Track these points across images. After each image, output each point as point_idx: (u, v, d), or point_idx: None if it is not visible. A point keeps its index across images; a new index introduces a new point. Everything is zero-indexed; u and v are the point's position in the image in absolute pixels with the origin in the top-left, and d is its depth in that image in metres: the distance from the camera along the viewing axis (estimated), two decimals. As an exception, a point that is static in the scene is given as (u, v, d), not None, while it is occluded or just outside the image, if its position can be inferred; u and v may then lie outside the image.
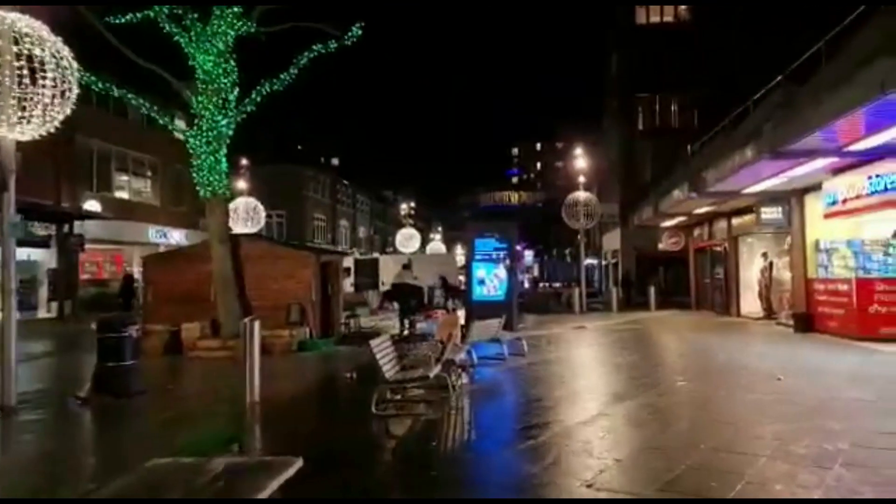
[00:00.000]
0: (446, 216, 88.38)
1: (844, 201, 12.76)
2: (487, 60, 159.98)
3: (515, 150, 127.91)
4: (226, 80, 14.33)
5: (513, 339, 13.35)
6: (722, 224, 22.41)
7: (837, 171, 13.23)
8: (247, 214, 30.19)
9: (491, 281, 18.52)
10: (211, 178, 14.53)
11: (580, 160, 30.40)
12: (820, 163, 12.15)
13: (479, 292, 18.51)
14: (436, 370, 8.46)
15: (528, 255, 69.78)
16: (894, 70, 7.47)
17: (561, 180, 69.85)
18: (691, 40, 36.31)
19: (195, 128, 14.48)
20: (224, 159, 14.85)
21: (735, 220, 21.19)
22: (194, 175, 14.63)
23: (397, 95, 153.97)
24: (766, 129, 11.72)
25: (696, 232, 26.30)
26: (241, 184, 32.02)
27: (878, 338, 13.17)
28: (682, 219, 24.20)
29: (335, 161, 77.94)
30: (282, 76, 14.81)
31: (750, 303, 21.07)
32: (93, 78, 13.49)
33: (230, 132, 15.00)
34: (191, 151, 14.55)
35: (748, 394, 8.37)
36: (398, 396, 8.60)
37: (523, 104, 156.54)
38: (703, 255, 25.80)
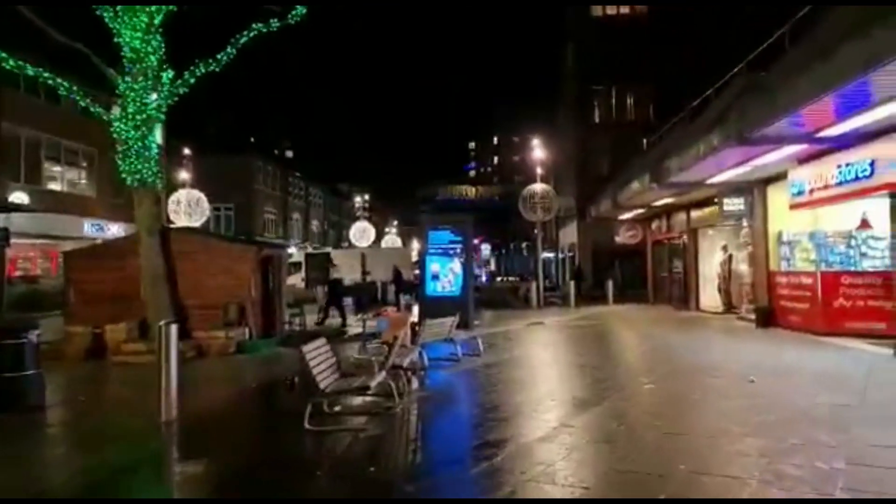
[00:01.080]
0: (403, 210, 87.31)
1: (811, 191, 12.23)
2: (444, 54, 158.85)
3: (472, 145, 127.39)
4: (153, 58, 13.12)
5: (468, 337, 12.50)
6: (681, 216, 21.96)
7: (804, 160, 12.71)
8: (189, 207, 28.78)
9: (446, 276, 17.66)
10: (139, 166, 13.31)
11: (537, 151, 29.69)
12: (788, 150, 11.59)
13: (434, 287, 17.64)
14: (379, 378, 7.53)
15: (486, 249, 69.28)
16: (882, 42, 6.80)
17: (518, 174, 69.39)
18: (648, 31, 36.02)
19: (120, 110, 13.24)
20: (154, 145, 13.65)
21: (694, 213, 20.74)
22: (120, 162, 13.39)
23: (354, 89, 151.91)
24: (732, 115, 11.09)
25: (655, 225, 25.88)
26: (184, 174, 30.51)
27: (844, 333, 12.73)
28: (640, 211, 23.71)
29: (289, 153, 76.24)
30: (219, 56, 13.73)
31: (709, 296, 20.67)
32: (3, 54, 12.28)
33: (161, 116, 13.83)
34: (115, 136, 13.33)
35: (722, 399, 7.66)
36: (337, 408, 7.65)
37: (480, 98, 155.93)
38: (661, 248, 25.39)
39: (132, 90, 13.11)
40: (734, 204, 16.13)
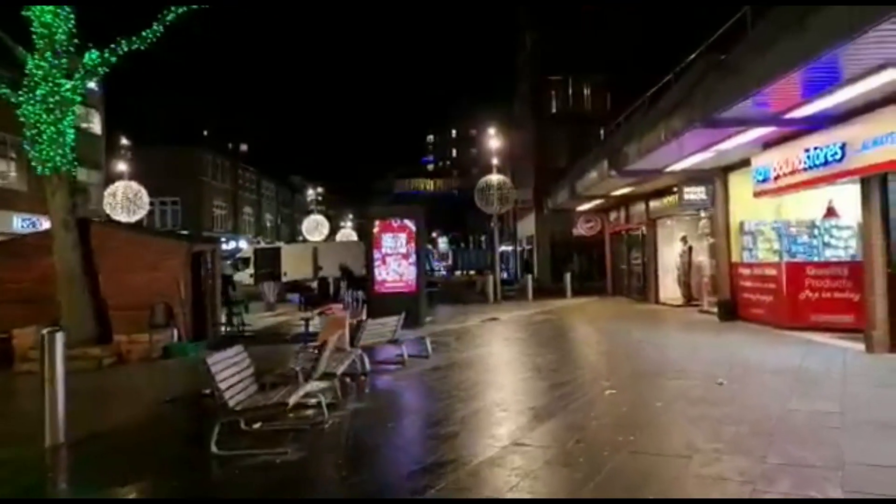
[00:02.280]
0: (360, 204, 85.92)
1: (777, 178, 11.59)
2: (401, 46, 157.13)
3: (431, 138, 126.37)
4: (62, 34, 11.87)
5: (416, 337, 11.57)
6: (640, 207, 21.36)
7: (769, 144, 12.08)
8: (127, 200, 27.21)
9: (396, 270, 16.69)
10: (52, 153, 12.06)
11: (492, 141, 28.84)
12: (753, 134, 10.91)
13: (384, 283, 16.66)
14: (303, 391, 6.55)
15: (442, 242, 68.47)
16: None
17: (476, 167, 68.66)
18: (606, 21, 35.47)
19: (28, 91, 11.92)
20: (70, 131, 12.38)
21: (654, 203, 20.15)
22: (29, 148, 12.11)
23: (311, 82, 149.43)
24: (696, 96, 10.35)
25: (613, 216, 25.30)
26: (122, 166, 28.86)
27: (809, 326, 12.18)
28: (598, 202, 23.07)
29: (244, 147, 74.14)
30: (144, 34, 12.52)
31: (668, 289, 20.14)
32: None
33: (77, 98, 12.54)
34: (23, 120, 12.03)
35: (690, 406, 6.87)
36: (258, 425, 6.64)
37: (438, 91, 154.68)
38: (620, 239, 24.83)
39: (41, 68, 11.82)
40: (695, 193, 15.51)
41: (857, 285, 11.75)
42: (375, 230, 16.83)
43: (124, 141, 29.43)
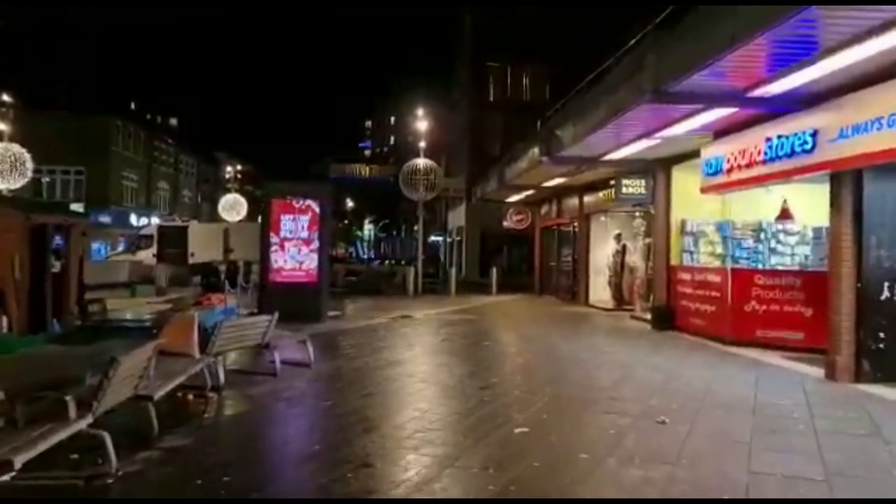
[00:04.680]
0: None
1: (730, 170, 9.98)
2: (341, 28, 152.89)
3: (369, 123, 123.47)
4: None
5: (303, 339, 9.47)
6: (573, 201, 19.77)
7: (721, 132, 10.48)
8: (5, 164, 23.95)
9: (295, 257, 14.50)
10: None
11: (422, 123, 26.83)
12: (706, 118, 9.24)
13: (280, 271, 14.46)
14: (68, 432, 4.42)
15: (368, 229, 66.12)
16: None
17: (413, 154, 66.51)
18: (548, 7, 33.89)
19: None
20: None
21: (588, 197, 18.58)
22: None
23: (248, 62, 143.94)
24: (647, 65, 8.58)
25: (544, 209, 23.71)
26: (1, 126, 25.46)
27: (755, 342, 10.72)
28: (529, 193, 21.36)
29: (173, 121, 70.00)
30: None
31: (599, 290, 18.62)
32: None
33: None
34: None
35: (627, 463, 5.04)
36: (8, 476, 4.45)
37: (378, 75, 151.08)
38: (551, 234, 23.26)
39: None
40: (634, 186, 13.92)
41: (811, 298, 10.33)
42: (273, 210, 14.60)
43: (6, 97, 25.92)
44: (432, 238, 50.80)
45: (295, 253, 14.48)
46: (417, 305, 18.61)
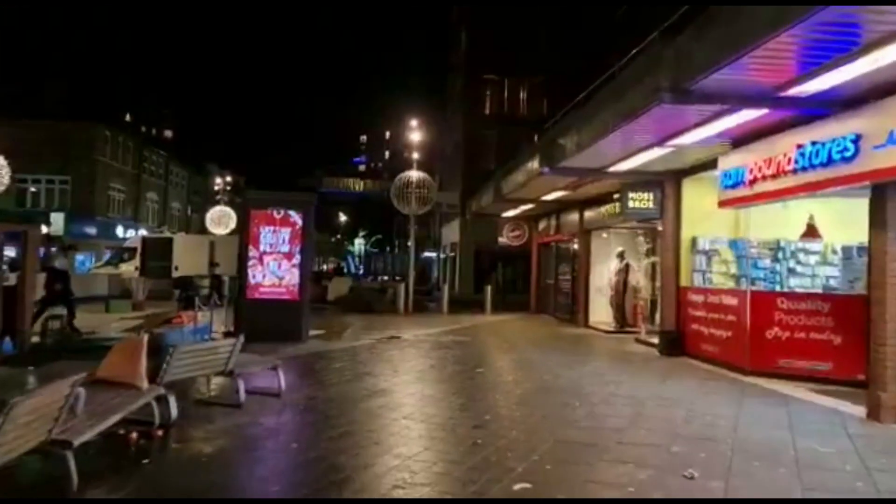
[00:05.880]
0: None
1: (753, 181, 9.00)
2: (338, 42, 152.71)
3: (363, 138, 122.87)
4: None
5: (267, 367, 8.40)
6: (573, 216, 18.79)
7: (739, 142, 9.54)
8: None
9: (275, 273, 13.47)
10: None
11: (415, 134, 25.90)
12: (725, 123, 8.25)
13: (258, 287, 13.42)
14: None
15: (359, 244, 65.10)
16: None
17: (407, 168, 65.62)
18: (545, 20, 33.17)
19: None
20: None
21: (589, 212, 17.59)
22: None
23: (247, 75, 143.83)
24: (666, 59, 7.61)
25: (542, 225, 22.73)
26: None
27: (776, 373, 9.69)
28: (526, 207, 20.37)
29: (168, 133, 69.30)
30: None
31: (599, 311, 17.60)
32: None
33: None
34: None
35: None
36: None
37: (373, 91, 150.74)
38: (549, 251, 22.26)
39: None
40: (641, 200, 12.92)
41: (840, 325, 9.34)
42: (252, 221, 13.58)
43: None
44: (425, 254, 49.80)
45: (275, 268, 13.45)
46: (407, 325, 17.54)
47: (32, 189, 41.89)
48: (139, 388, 6.33)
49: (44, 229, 37.50)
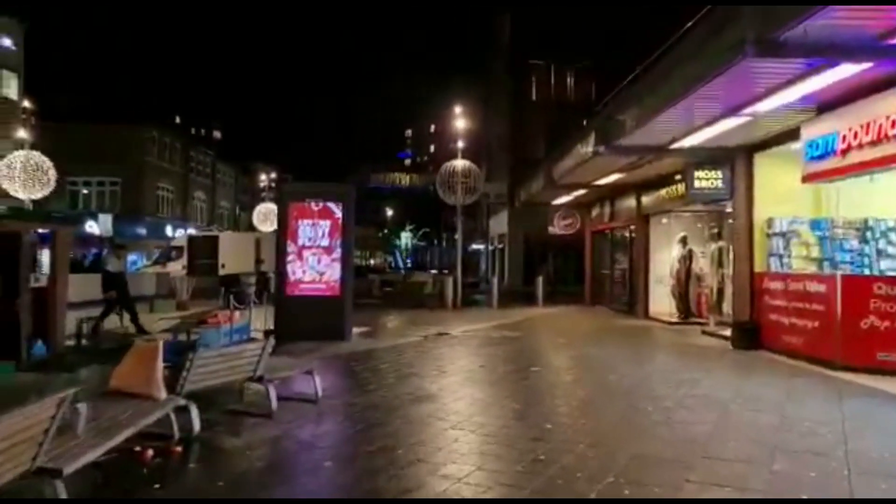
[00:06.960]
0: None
1: (846, 150, 7.85)
2: (381, 37, 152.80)
3: (409, 132, 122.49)
4: None
5: (301, 372, 7.67)
6: (629, 201, 17.66)
7: (826, 106, 8.39)
8: (25, 174, 22.91)
9: (315, 268, 12.79)
10: None
11: (460, 121, 25.01)
12: (823, 79, 7.10)
13: (298, 284, 12.76)
14: None
15: (405, 237, 64.56)
16: None
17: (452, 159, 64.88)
18: (594, 3, 31.82)
19: None
20: None
21: (646, 196, 16.45)
22: None
23: (294, 75, 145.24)
24: (745, 12, 6.54)
25: (595, 212, 21.60)
26: (21, 133, 24.54)
27: (873, 367, 8.52)
28: (578, 193, 19.29)
29: (217, 134, 70.40)
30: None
31: (660, 301, 16.46)
32: None
33: None
34: None
35: None
36: None
37: (418, 84, 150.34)
38: (603, 239, 21.13)
39: None
40: (708, 179, 11.79)
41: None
42: (290, 215, 12.92)
43: (27, 104, 25.02)
44: (473, 246, 48.91)
45: (315, 263, 12.77)
46: (456, 320, 16.73)
47: (84, 191, 42.59)
48: (155, 399, 5.65)
49: (91, 230, 38.06)
